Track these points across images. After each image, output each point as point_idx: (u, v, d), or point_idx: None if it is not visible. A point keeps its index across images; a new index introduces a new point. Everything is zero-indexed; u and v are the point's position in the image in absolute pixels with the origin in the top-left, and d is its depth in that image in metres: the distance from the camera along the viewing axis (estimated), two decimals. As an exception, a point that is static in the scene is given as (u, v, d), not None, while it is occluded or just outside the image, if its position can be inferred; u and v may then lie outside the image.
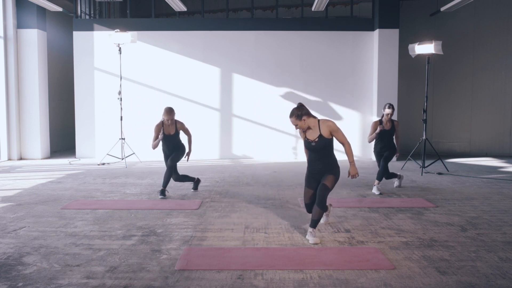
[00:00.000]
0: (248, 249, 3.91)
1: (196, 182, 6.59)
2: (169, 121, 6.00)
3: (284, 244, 4.08)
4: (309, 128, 4.17)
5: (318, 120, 4.18)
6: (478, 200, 5.91)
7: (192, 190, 6.59)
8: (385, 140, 6.57)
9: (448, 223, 4.78)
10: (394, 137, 6.65)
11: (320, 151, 4.18)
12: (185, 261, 3.56)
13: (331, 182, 4.17)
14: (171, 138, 6.11)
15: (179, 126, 6.16)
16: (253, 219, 4.93)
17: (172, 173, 6.13)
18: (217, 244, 4.05)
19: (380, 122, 6.55)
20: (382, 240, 4.16)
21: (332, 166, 4.21)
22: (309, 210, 4.38)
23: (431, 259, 3.65)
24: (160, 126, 6.05)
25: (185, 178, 6.40)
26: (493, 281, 3.20)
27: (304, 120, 4.11)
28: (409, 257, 3.69)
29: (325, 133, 4.12)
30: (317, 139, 4.13)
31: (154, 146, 6.04)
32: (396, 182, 6.93)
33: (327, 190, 4.15)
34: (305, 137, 4.22)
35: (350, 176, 4.23)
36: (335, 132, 4.15)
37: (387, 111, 6.51)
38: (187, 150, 6.35)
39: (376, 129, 6.50)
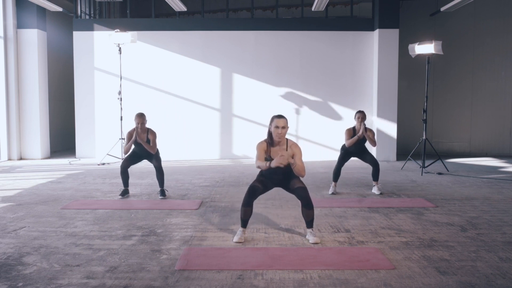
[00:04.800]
0: (248, 249, 3.90)
1: (124, 191, 6.12)
2: (140, 125, 5.88)
3: (284, 244, 4.08)
4: (275, 146, 4.10)
5: (287, 139, 4.18)
6: (478, 200, 5.91)
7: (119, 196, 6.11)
8: (355, 146, 6.29)
9: (448, 223, 4.78)
10: (369, 142, 6.28)
11: (281, 169, 4.13)
12: (185, 261, 3.56)
13: (302, 182, 4.19)
14: (143, 146, 6.00)
15: (150, 136, 5.98)
16: (253, 219, 4.92)
17: (162, 173, 6.09)
18: (217, 244, 4.05)
19: (353, 129, 6.30)
20: (382, 240, 4.16)
21: (288, 175, 4.21)
22: (252, 200, 4.14)
23: (431, 259, 3.65)
24: (132, 133, 5.97)
25: (125, 176, 6.07)
26: (493, 281, 3.20)
27: (287, 129, 4.10)
28: (409, 257, 3.69)
29: (291, 154, 4.12)
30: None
31: (126, 151, 5.99)
32: (331, 188, 6.45)
33: (306, 188, 4.16)
34: (269, 156, 4.12)
35: (280, 156, 3.98)
36: (297, 156, 4.11)
37: (357, 115, 6.21)
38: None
39: (350, 137, 6.23)
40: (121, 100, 9.32)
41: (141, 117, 5.94)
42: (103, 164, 9.31)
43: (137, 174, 8.02)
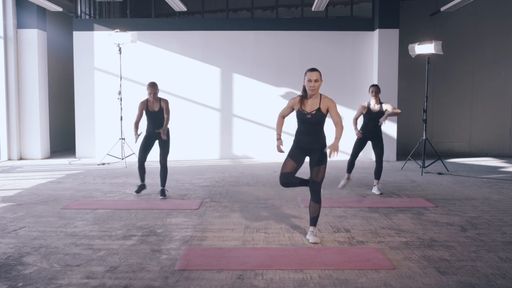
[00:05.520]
0: (248, 249, 3.90)
1: (140, 186, 6.24)
2: (152, 95, 5.87)
3: (284, 244, 4.08)
4: (309, 98, 4.06)
5: (320, 94, 4.12)
6: (478, 200, 5.91)
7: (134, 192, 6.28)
8: (372, 124, 6.20)
9: (448, 223, 4.78)
10: (391, 114, 6.17)
11: (313, 125, 4.11)
12: (185, 261, 3.56)
13: (321, 175, 4.10)
14: (155, 115, 5.98)
15: (163, 104, 6.00)
16: (253, 219, 4.93)
17: (166, 170, 6.09)
18: (217, 244, 4.05)
19: (368, 105, 6.24)
20: (382, 240, 4.16)
21: (321, 145, 4.13)
22: (285, 181, 4.17)
23: (431, 259, 3.65)
24: (145, 104, 5.99)
25: (142, 170, 6.18)
26: (493, 281, 3.20)
27: (320, 82, 4.02)
28: (409, 257, 3.69)
29: (324, 109, 4.07)
30: (314, 112, 4.07)
31: (136, 122, 6.00)
32: (342, 181, 6.44)
33: (320, 184, 4.12)
34: (300, 108, 4.09)
35: (329, 151, 3.95)
36: (333, 109, 4.07)
37: (371, 89, 6.17)
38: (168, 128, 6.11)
39: (362, 112, 6.21)
40: (121, 100, 9.32)
41: (153, 87, 5.91)
42: (103, 164, 9.31)
43: (137, 174, 8.01)
